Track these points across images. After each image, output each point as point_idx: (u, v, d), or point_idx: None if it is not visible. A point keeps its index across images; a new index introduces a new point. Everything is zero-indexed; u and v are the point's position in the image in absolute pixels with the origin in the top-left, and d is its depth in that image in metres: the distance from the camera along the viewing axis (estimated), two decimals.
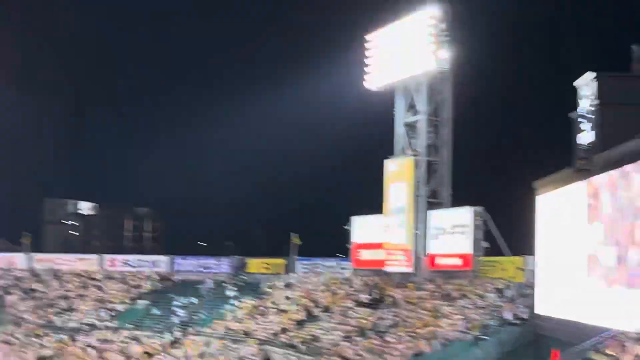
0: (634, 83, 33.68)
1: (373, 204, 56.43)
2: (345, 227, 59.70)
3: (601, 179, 32.36)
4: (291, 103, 73.29)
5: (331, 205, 71.73)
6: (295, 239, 63.58)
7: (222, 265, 67.84)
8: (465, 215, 49.65)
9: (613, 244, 30.83)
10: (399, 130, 55.26)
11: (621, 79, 33.78)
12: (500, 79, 53.03)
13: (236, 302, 60.51)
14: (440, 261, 51.81)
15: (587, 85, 34.10)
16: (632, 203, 29.36)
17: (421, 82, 53.76)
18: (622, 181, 30.37)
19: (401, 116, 55.25)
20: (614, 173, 31.13)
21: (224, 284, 64.76)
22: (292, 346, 50.36)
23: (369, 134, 61.41)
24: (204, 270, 68.39)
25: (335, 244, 64.13)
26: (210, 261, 68.97)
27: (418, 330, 44.58)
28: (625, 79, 33.86)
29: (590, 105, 33.58)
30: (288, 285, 60.48)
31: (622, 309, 29.49)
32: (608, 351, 25.78)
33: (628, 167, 29.84)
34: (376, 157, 56.30)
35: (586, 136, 33.94)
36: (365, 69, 56.83)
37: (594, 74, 33.54)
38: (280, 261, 65.05)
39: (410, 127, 54.99)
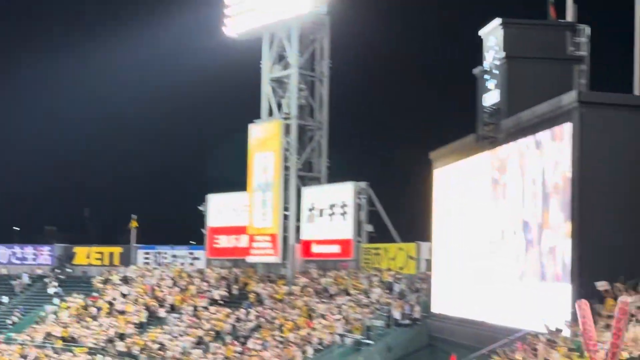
0: (547, 33, 33.86)
1: (236, 179, 56.27)
2: (200, 207, 59.26)
3: (508, 149, 32.63)
4: (127, 58, 71.44)
5: (183, 182, 70.85)
6: (132, 222, 62.53)
7: (41, 255, 66.21)
8: (345, 193, 49.86)
9: (522, 227, 31.21)
10: (266, 87, 54.86)
11: (532, 27, 33.80)
12: (390, 26, 53.16)
13: (60, 302, 59.30)
14: (316, 249, 52.00)
15: (493, 35, 34.18)
16: (544, 178, 29.78)
17: (292, 28, 53.43)
18: (532, 152, 30.69)
19: (268, 70, 54.83)
20: (523, 142, 31.42)
21: (44, 279, 63.42)
22: (130, 356, 49.66)
23: (231, 93, 60.72)
24: (18, 262, 66.51)
25: (187, 228, 63.90)
26: (27, 250, 67.00)
27: (287, 334, 44.43)
28: (537, 28, 33.91)
29: (495, 59, 33.71)
30: (126, 280, 59.71)
31: (533, 306, 29.90)
32: (517, 356, 26.07)
33: (540, 135, 30.21)
34: (240, 121, 56.05)
35: (492, 97, 34.15)
36: (225, 11, 56.07)
37: (500, 20, 33.61)
38: (116, 250, 64.09)
39: (279, 83, 54.70)
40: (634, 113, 28.03)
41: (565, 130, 28.45)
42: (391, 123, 57.29)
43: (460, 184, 37.42)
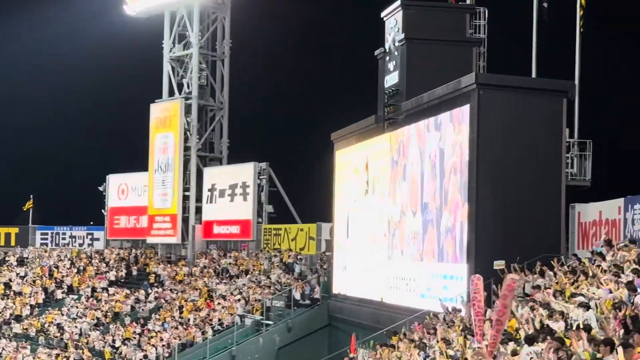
0: (446, 15, 33.81)
1: (137, 160, 55.53)
2: (100, 188, 58.28)
3: (408, 131, 32.68)
4: (27, 36, 69.55)
5: (83, 162, 69.40)
6: (28, 203, 61.07)
7: None
8: (246, 173, 49.53)
9: (421, 209, 31.29)
10: (167, 66, 54.06)
11: (432, 9, 33.75)
12: (292, 6, 52.65)
13: None
14: (217, 229, 51.60)
15: (393, 17, 34.06)
16: (443, 159, 29.78)
17: (193, 7, 52.61)
18: (432, 133, 30.73)
19: (169, 49, 54.03)
20: (422, 123, 31.45)
21: None
22: (28, 338, 48.45)
23: (132, 73, 59.55)
24: None
25: (87, 209, 63.00)
26: None
27: (187, 316, 43.97)
28: (436, 10, 33.86)
29: (395, 41, 33.64)
30: (22, 261, 58.24)
31: (432, 286, 30.02)
32: (415, 336, 26.02)
33: (439, 117, 30.22)
34: (141, 101, 55.03)
35: (392, 78, 34.09)
36: None
37: (399, 2, 33.45)
38: (12, 230, 62.54)
39: (180, 62, 53.94)
40: (532, 96, 28.21)
41: (464, 112, 28.47)
42: (293, 104, 56.84)
43: (361, 165, 37.30)
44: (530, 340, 17.23)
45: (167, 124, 52.91)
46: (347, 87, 52.73)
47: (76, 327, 47.83)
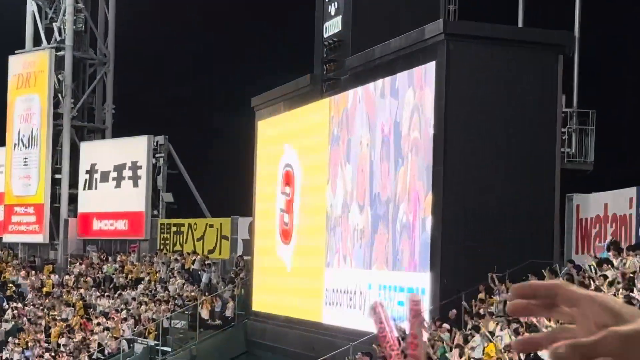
0: None
1: None
2: None
3: (353, 96, 32.76)
4: None
5: None
6: None
7: None
8: (137, 150, 49.49)
9: (370, 200, 31.39)
10: (31, 6, 53.66)
11: None
12: None
13: None
14: (97, 225, 51.58)
15: None
16: (400, 134, 29.78)
17: None
18: (385, 99, 30.75)
19: None
20: (373, 86, 31.57)
21: None
22: None
23: None
24: None
25: None
26: None
27: (57, 340, 43.84)
28: None
29: None
30: None
31: (383, 301, 29.81)
32: None
33: (395, 77, 30.20)
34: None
35: (333, 26, 34.37)
36: None
37: None
38: None
39: (50, 1, 53.59)
40: (518, 51, 28.48)
41: (428, 72, 28.50)
42: (201, 58, 56.61)
43: (291, 141, 37.48)
44: None
45: (30, 83, 52.63)
46: (272, 37, 52.58)
47: None
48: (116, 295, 46.22)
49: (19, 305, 48.96)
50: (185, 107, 56.21)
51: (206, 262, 44.70)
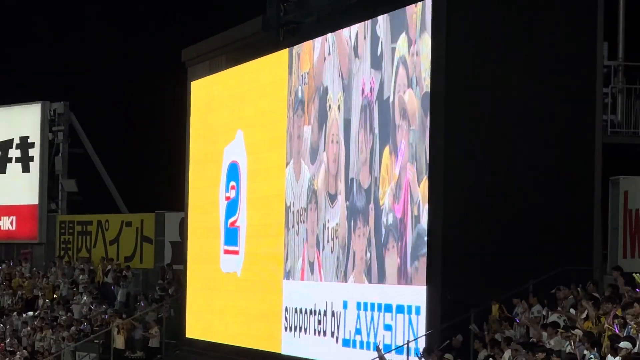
0: None
1: None
2: None
3: (320, 47, 33.00)
4: None
5: None
6: None
7: None
8: (28, 122, 50.17)
9: (346, 189, 31.60)
10: None
11: None
12: None
13: None
14: None
15: None
16: (384, 100, 29.85)
17: None
18: (364, 52, 30.89)
19: None
20: (347, 34, 31.75)
21: None
22: None
23: None
24: None
25: None
26: None
27: None
28: None
29: None
30: None
31: (364, 326, 30.31)
32: None
33: (376, 21, 30.30)
34: None
35: None
36: None
37: None
38: None
39: None
40: None
41: (424, 12, 28.48)
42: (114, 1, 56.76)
43: (236, 107, 37.82)
44: None
45: None
46: None
47: None
48: (3, 318, 46.45)
49: None
50: (93, 65, 56.20)
51: (123, 274, 44.76)
